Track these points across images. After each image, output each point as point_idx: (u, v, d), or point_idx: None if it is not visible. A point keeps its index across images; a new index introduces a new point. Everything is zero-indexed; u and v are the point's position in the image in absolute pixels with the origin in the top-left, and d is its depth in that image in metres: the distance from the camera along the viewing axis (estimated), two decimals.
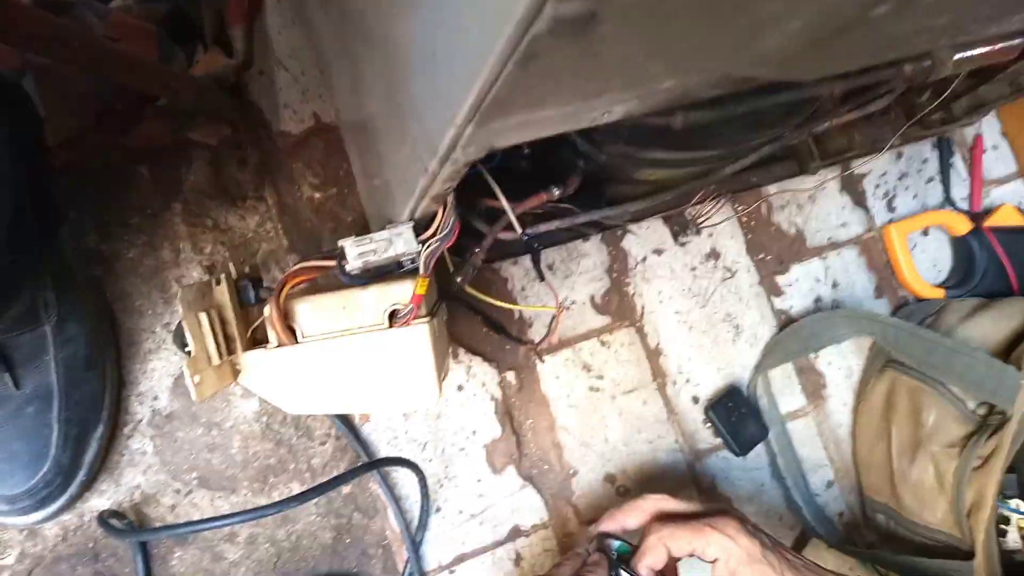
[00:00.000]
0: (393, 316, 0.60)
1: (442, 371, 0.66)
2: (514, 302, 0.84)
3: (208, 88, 0.72)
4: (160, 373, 0.74)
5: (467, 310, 0.82)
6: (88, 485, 0.70)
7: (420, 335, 0.59)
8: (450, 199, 0.53)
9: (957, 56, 0.55)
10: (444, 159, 0.40)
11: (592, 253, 0.87)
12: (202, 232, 0.77)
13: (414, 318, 0.59)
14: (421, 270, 0.56)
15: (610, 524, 0.66)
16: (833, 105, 0.77)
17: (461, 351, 0.81)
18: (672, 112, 0.52)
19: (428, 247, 0.54)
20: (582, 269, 0.86)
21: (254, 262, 0.78)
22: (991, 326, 0.81)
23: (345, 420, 0.76)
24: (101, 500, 0.72)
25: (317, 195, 0.80)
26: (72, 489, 0.67)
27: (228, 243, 0.78)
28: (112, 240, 0.75)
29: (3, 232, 0.50)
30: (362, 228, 0.79)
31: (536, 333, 0.84)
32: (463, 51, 0.30)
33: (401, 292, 0.60)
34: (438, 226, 0.54)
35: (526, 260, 0.84)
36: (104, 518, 0.67)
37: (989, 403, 0.76)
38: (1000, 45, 0.55)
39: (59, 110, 0.69)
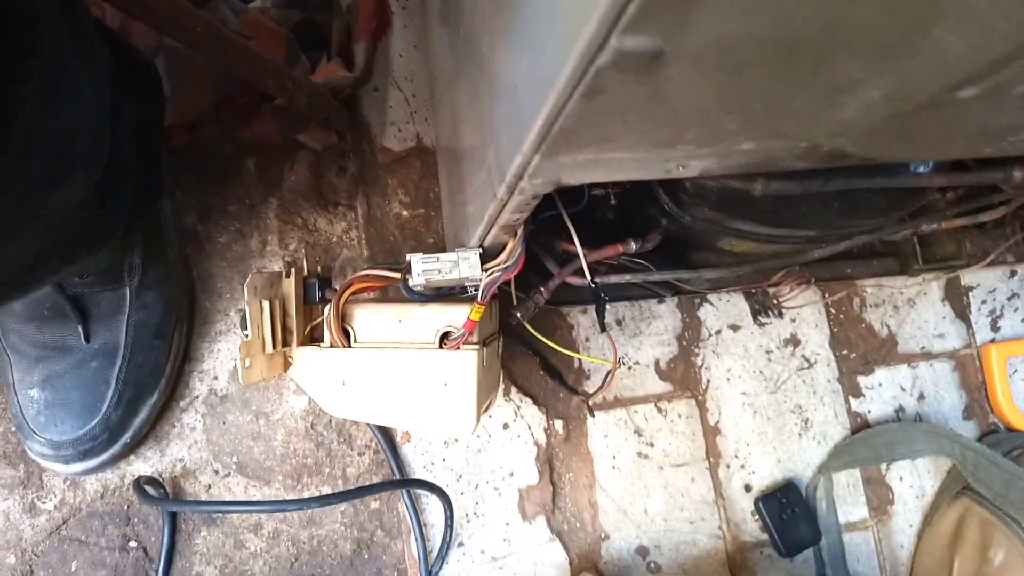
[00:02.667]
0: (445, 338, 0.60)
1: (485, 403, 0.65)
2: (576, 350, 0.82)
3: (324, 96, 0.75)
4: (225, 355, 0.77)
5: (527, 350, 0.81)
6: (132, 448, 0.72)
7: (467, 361, 0.59)
8: (520, 231, 0.53)
9: None
10: (512, 187, 0.40)
11: (665, 316, 0.85)
12: (291, 229, 0.80)
13: (464, 343, 0.59)
14: (478, 297, 0.56)
15: None
16: (944, 206, 0.73)
17: (513, 390, 0.80)
18: (753, 178, 0.50)
19: (489, 275, 0.54)
20: (652, 331, 0.84)
21: (327, 263, 0.80)
22: None
23: (386, 435, 0.77)
24: (144, 466, 0.74)
25: (405, 213, 0.82)
26: (115, 449, 0.69)
27: (312, 244, 0.81)
28: (209, 223, 0.79)
29: (92, 187, 0.52)
30: (440, 251, 0.80)
31: (593, 387, 0.83)
32: (537, 78, 0.30)
33: (457, 315, 0.60)
34: (504, 257, 0.54)
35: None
36: (140, 483, 0.69)
37: None
38: None
39: (184, 93, 0.74)
